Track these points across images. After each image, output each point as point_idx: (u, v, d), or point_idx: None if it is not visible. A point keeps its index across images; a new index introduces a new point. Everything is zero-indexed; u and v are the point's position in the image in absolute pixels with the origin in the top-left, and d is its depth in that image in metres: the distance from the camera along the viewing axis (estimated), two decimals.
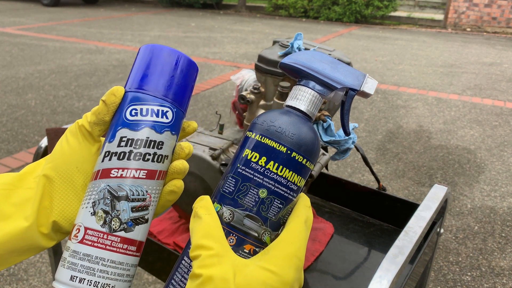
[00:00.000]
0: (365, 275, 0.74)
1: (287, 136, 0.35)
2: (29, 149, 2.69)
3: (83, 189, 0.37)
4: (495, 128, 3.28)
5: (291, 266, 0.32)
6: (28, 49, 5.33)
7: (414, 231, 0.60)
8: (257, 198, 0.35)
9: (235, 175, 0.36)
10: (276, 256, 0.32)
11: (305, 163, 0.36)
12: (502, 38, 7.42)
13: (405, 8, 9.23)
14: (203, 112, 3.39)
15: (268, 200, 0.35)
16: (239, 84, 0.84)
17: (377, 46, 6.26)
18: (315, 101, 0.38)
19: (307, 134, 0.36)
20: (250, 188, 0.35)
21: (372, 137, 3.04)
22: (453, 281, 1.73)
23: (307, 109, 0.38)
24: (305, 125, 0.37)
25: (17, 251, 0.35)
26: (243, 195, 0.35)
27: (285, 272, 0.31)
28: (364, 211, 0.92)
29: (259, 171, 0.35)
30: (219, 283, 0.30)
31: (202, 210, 0.34)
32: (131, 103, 0.36)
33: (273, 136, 0.35)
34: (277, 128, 0.36)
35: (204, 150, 0.70)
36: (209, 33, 6.92)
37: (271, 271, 0.31)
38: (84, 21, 7.79)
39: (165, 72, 0.38)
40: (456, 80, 4.56)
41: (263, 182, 0.35)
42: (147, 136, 0.36)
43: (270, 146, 0.35)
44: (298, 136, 0.36)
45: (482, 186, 2.43)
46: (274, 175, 0.35)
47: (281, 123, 0.36)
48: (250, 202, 0.35)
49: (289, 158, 0.35)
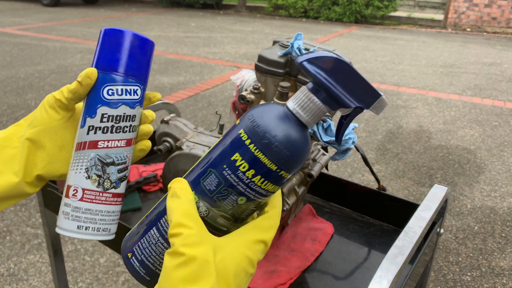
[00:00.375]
0: (365, 275, 0.74)
1: (282, 157, 0.34)
2: None
3: (61, 149, 0.46)
4: (495, 128, 3.28)
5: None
6: (28, 49, 5.33)
7: (414, 231, 0.61)
8: (235, 204, 0.36)
9: (219, 175, 0.35)
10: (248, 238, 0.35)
11: (288, 177, 0.36)
12: (502, 38, 7.42)
13: (405, 8, 9.23)
14: (203, 112, 3.39)
15: (244, 206, 0.36)
16: (239, 84, 0.84)
17: (377, 46, 6.26)
18: (320, 113, 0.36)
19: (300, 152, 0.35)
20: (231, 194, 0.35)
21: (372, 137, 3.04)
22: (453, 281, 1.73)
23: (308, 121, 0.36)
24: (301, 142, 0.35)
25: (7, 199, 0.45)
26: (222, 198, 0.35)
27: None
28: (364, 211, 0.92)
29: (244, 181, 0.35)
30: (201, 264, 0.31)
31: (182, 192, 0.35)
32: (106, 84, 0.44)
33: (268, 152, 0.34)
34: (274, 146, 0.34)
35: (204, 150, 0.70)
36: (209, 33, 6.92)
37: (246, 254, 0.34)
38: (84, 21, 7.79)
39: (131, 54, 0.44)
40: (456, 80, 4.56)
41: (245, 192, 0.35)
42: (124, 112, 0.44)
43: (262, 162, 0.34)
44: (291, 156, 0.35)
45: (482, 186, 2.43)
46: (257, 187, 0.35)
47: (279, 139, 0.34)
48: (227, 206, 0.36)
49: (277, 175, 0.35)
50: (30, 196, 2.17)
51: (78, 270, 1.72)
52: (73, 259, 1.77)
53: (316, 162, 0.74)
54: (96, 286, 1.64)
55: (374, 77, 4.56)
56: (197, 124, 3.15)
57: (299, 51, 0.65)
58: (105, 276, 1.69)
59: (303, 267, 0.73)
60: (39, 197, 0.97)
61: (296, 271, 0.71)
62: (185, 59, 5.12)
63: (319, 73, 0.35)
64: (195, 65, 4.84)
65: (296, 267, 0.72)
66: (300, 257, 0.74)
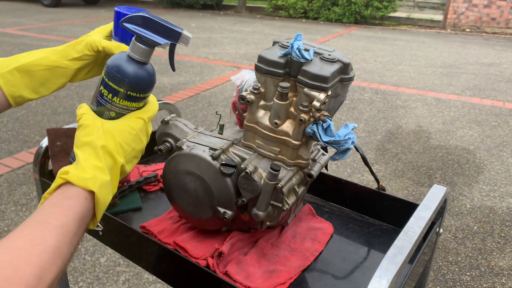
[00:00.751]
0: (365, 274, 0.74)
1: (124, 82, 0.53)
2: (30, 149, 2.69)
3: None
4: (494, 128, 3.28)
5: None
6: (29, 49, 5.32)
7: (414, 231, 0.61)
8: (109, 117, 0.56)
9: (97, 100, 0.56)
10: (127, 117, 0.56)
11: (139, 95, 0.55)
12: (501, 39, 7.43)
13: (404, 8, 9.23)
14: (203, 113, 3.39)
15: (116, 116, 0.56)
16: (239, 84, 0.85)
17: (376, 47, 6.27)
18: (144, 51, 0.54)
19: (139, 78, 0.54)
20: (105, 111, 0.55)
21: (371, 137, 3.04)
22: (452, 280, 1.73)
23: (139, 58, 0.54)
24: (136, 72, 0.54)
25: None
26: (102, 114, 0.56)
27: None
28: (363, 211, 0.92)
29: (108, 101, 0.55)
30: (92, 127, 0.52)
31: (81, 108, 0.56)
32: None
33: (114, 80, 0.54)
34: (116, 76, 0.53)
35: (204, 150, 0.70)
36: (209, 34, 6.92)
37: (126, 123, 0.55)
38: (84, 21, 7.79)
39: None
40: (455, 80, 4.56)
41: (112, 108, 0.55)
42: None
43: (113, 87, 0.54)
44: (131, 81, 0.54)
45: (481, 186, 2.43)
46: (118, 104, 0.55)
47: (121, 72, 0.53)
48: (106, 117, 0.56)
49: (126, 95, 0.54)
50: (31, 196, 2.17)
51: (79, 270, 1.72)
52: (74, 259, 1.77)
53: (316, 162, 0.75)
54: (96, 286, 1.64)
55: (374, 77, 4.56)
56: (197, 124, 3.15)
57: (299, 51, 0.65)
58: (106, 276, 1.69)
59: (303, 266, 0.73)
60: (39, 196, 0.97)
61: (296, 271, 0.71)
62: (185, 59, 5.12)
63: (134, 27, 0.53)
64: (195, 66, 4.84)
65: (296, 266, 0.72)
66: (300, 257, 0.75)
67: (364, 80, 4.47)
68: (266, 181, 0.65)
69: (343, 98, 0.73)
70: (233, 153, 0.72)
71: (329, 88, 0.64)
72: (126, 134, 0.53)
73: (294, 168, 0.70)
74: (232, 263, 0.70)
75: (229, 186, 0.68)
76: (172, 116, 0.80)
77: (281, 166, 0.69)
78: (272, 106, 0.68)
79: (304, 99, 0.66)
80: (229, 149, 0.72)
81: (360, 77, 4.55)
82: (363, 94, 4.02)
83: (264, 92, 0.70)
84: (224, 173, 0.68)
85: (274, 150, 0.70)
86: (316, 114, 0.65)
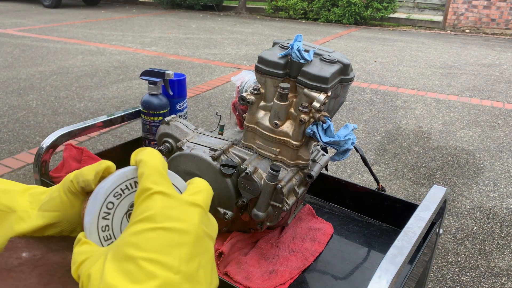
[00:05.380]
0: (365, 275, 0.74)
1: None
2: (30, 149, 2.69)
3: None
4: (494, 129, 3.28)
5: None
6: (29, 50, 5.33)
7: (413, 231, 0.61)
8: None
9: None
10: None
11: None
12: (501, 40, 7.43)
13: (404, 9, 9.23)
14: (203, 113, 3.39)
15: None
16: (239, 85, 0.85)
17: (376, 48, 6.27)
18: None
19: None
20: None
21: (371, 138, 3.04)
22: (452, 281, 1.73)
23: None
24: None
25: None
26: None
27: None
28: (363, 211, 0.92)
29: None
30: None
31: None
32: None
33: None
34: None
35: (205, 151, 0.70)
36: (210, 35, 6.92)
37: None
38: (85, 22, 7.79)
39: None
40: (455, 81, 4.57)
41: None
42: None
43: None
44: None
45: (481, 187, 2.43)
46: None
47: None
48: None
49: None
50: None
51: None
52: None
53: (316, 163, 0.75)
54: None
55: (374, 78, 4.57)
56: (197, 125, 3.15)
57: (299, 52, 0.65)
58: None
59: (302, 267, 0.73)
60: None
61: (296, 271, 0.72)
62: (185, 60, 5.12)
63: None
64: (196, 66, 4.85)
65: (296, 267, 0.72)
66: (300, 257, 0.75)
67: (364, 81, 4.48)
68: (266, 181, 0.65)
69: (343, 99, 0.73)
70: (233, 154, 0.72)
71: (329, 89, 0.65)
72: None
73: (294, 168, 0.70)
74: (232, 263, 0.70)
75: (229, 186, 0.68)
76: (173, 116, 0.81)
77: (281, 166, 0.69)
78: (272, 106, 0.69)
79: (304, 99, 0.66)
80: (229, 150, 0.72)
81: (360, 78, 4.55)
82: (363, 95, 4.02)
83: (264, 93, 0.70)
84: (224, 174, 0.68)
85: (274, 151, 0.70)
86: (316, 114, 0.65)
